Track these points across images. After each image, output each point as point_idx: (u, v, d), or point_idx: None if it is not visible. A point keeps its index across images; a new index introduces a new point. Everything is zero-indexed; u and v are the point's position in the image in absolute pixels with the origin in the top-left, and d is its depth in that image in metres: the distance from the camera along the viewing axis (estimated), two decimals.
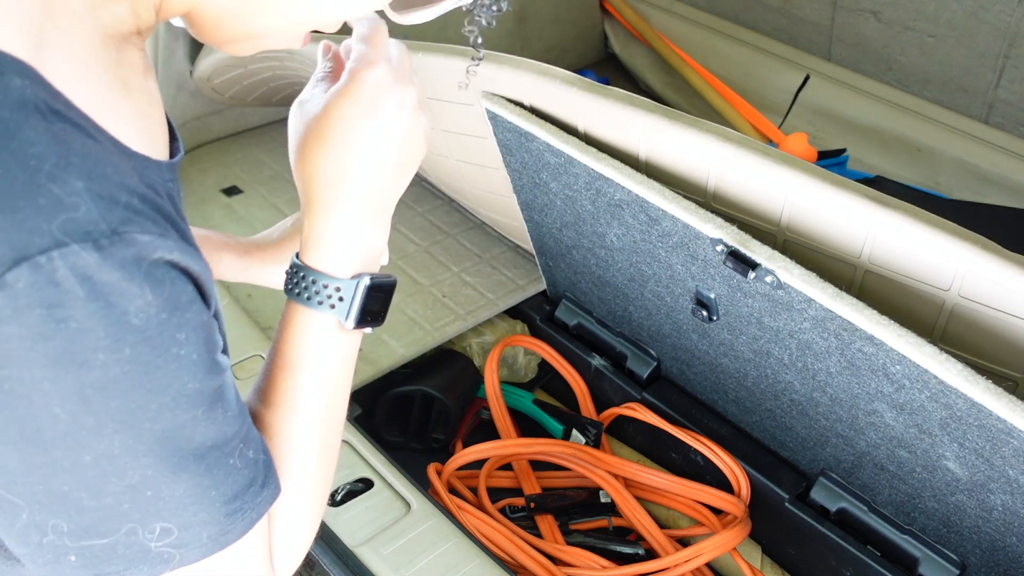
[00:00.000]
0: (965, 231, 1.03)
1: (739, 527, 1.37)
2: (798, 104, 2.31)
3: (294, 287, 0.72)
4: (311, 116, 0.72)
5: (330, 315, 0.71)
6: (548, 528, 1.44)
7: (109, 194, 0.52)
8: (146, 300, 0.53)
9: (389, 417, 1.59)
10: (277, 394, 0.72)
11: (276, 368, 0.73)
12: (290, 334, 0.72)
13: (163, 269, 0.54)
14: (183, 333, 0.56)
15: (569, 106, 1.27)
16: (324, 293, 0.71)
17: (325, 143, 0.70)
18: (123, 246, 0.51)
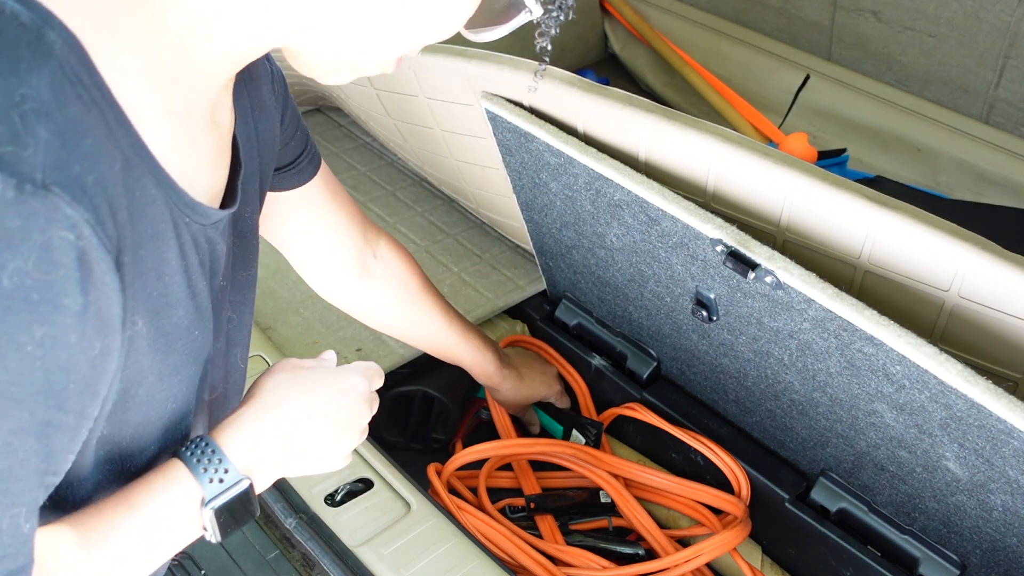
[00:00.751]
0: (965, 231, 1.02)
1: (739, 527, 1.37)
2: (798, 104, 2.31)
3: (189, 450, 0.73)
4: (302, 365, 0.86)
5: (198, 489, 0.72)
6: (548, 528, 1.44)
7: (67, 159, 0.50)
8: (27, 267, 0.48)
9: (389, 417, 1.59)
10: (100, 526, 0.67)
11: (115, 504, 0.69)
12: (155, 483, 0.71)
13: (66, 255, 0.50)
14: (42, 331, 0.50)
15: (569, 106, 1.27)
16: (212, 467, 0.73)
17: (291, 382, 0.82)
18: (41, 202, 0.49)
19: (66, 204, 0.50)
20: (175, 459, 0.73)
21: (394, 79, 1.50)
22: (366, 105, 1.69)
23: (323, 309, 1.71)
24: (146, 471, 0.72)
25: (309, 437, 0.81)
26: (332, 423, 0.82)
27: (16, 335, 0.49)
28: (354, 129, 2.29)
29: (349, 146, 2.23)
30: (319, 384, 0.82)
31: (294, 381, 0.81)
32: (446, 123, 1.52)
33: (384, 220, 1.98)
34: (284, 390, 0.80)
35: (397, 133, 1.72)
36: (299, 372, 0.83)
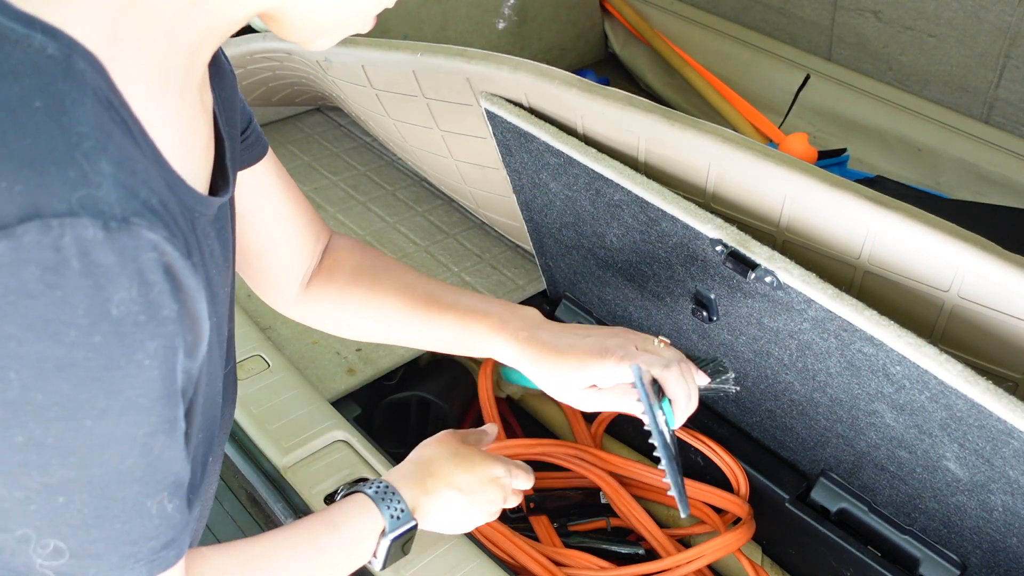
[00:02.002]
0: (965, 232, 1.02)
1: (743, 528, 1.37)
2: (798, 104, 2.31)
3: (373, 489, 0.95)
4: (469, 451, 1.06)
5: (382, 521, 0.94)
6: (546, 529, 1.44)
7: (132, 186, 0.54)
8: (131, 294, 0.53)
9: (387, 425, 1.59)
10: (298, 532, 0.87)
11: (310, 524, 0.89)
12: (350, 511, 0.93)
13: (156, 273, 0.55)
14: (154, 344, 0.55)
15: (568, 106, 1.27)
16: (394, 506, 0.95)
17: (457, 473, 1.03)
18: (128, 235, 0.52)
19: (146, 230, 0.54)
20: (362, 495, 0.94)
21: (394, 79, 1.50)
22: (366, 105, 1.69)
23: None
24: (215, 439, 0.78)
25: (451, 505, 1.00)
26: (472, 501, 1.02)
27: (134, 355, 0.54)
28: (354, 129, 2.29)
29: (349, 146, 2.23)
30: (473, 467, 1.02)
31: (454, 458, 1.02)
32: (446, 123, 1.52)
33: (384, 220, 1.98)
34: (445, 462, 1.01)
35: (397, 133, 1.72)
36: (461, 450, 1.03)
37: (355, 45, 1.49)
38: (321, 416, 1.40)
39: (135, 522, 0.59)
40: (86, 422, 0.54)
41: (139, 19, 0.59)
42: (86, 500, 0.56)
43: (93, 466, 0.55)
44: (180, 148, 0.63)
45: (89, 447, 0.55)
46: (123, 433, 0.56)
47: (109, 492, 0.57)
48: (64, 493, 0.55)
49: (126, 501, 0.58)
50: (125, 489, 0.58)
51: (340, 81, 1.66)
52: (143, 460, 0.58)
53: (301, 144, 2.23)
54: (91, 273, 0.51)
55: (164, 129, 0.61)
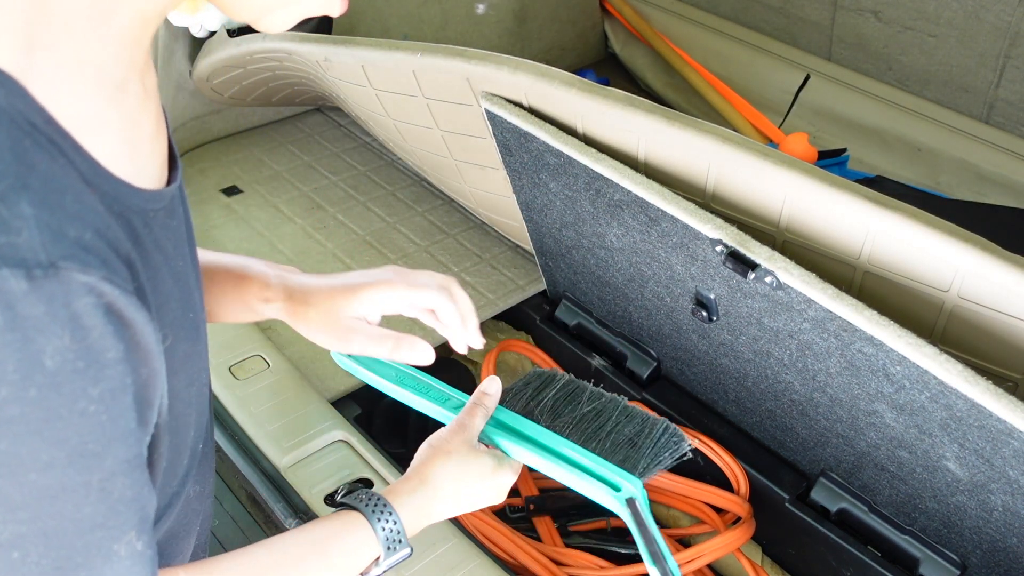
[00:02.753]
0: (965, 232, 1.02)
1: (743, 527, 1.37)
2: (798, 104, 2.31)
3: (378, 512, 0.86)
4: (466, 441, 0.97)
5: (378, 550, 0.86)
6: (547, 529, 1.44)
7: (59, 225, 0.49)
8: (64, 343, 0.49)
9: (387, 425, 1.59)
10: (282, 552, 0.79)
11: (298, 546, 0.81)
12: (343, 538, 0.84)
13: (94, 317, 0.50)
14: (97, 390, 0.51)
15: (568, 107, 1.27)
16: (394, 537, 0.87)
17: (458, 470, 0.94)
18: (56, 281, 0.48)
19: (78, 273, 0.49)
20: (355, 513, 0.86)
21: (394, 79, 1.50)
22: (366, 105, 1.69)
23: None
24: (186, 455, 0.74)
25: (453, 509, 0.94)
26: (474, 503, 0.96)
27: (75, 404, 0.51)
28: (354, 129, 2.29)
29: (349, 146, 2.24)
30: (481, 478, 0.94)
31: (462, 472, 0.93)
32: (446, 123, 1.52)
33: (384, 220, 1.98)
34: (453, 478, 0.93)
35: (397, 133, 1.72)
36: (468, 464, 0.94)
37: (355, 45, 1.49)
38: (321, 416, 1.40)
39: (102, 569, 0.56)
40: (31, 476, 0.50)
41: (54, 21, 0.53)
42: (43, 552, 0.52)
43: (46, 518, 0.52)
44: (124, 147, 0.58)
45: (38, 500, 0.51)
46: (75, 481, 0.52)
47: (67, 542, 0.53)
48: (19, 548, 0.52)
49: (89, 549, 0.54)
50: (86, 537, 0.54)
51: (340, 81, 1.66)
52: (102, 506, 0.54)
53: (301, 144, 2.23)
54: (17, 327, 0.47)
55: (105, 132, 0.56)
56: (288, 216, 1.96)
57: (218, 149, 2.18)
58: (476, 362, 1.74)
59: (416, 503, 0.90)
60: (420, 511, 0.90)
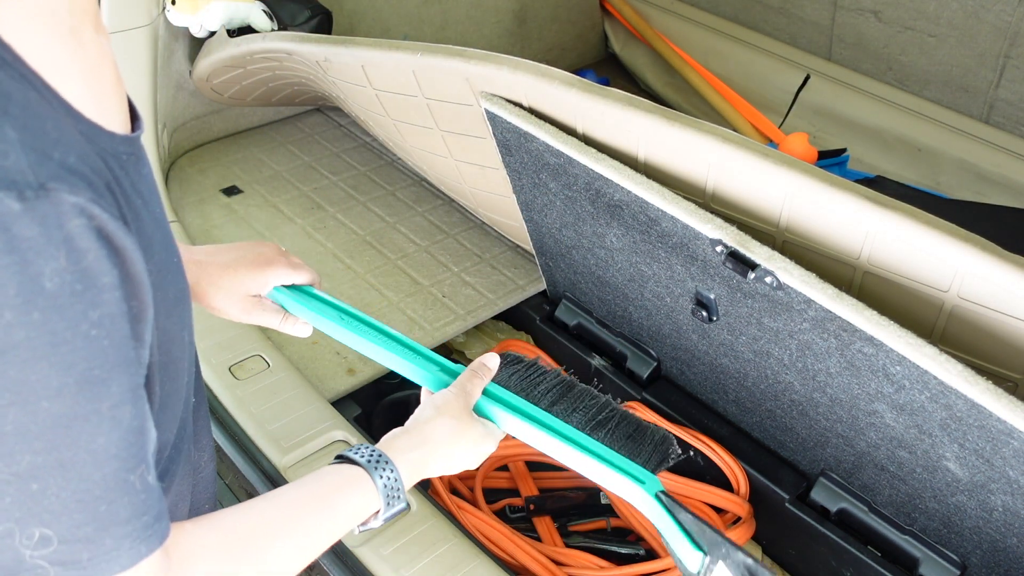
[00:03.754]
0: (964, 232, 1.02)
1: (743, 527, 1.37)
2: (798, 104, 2.31)
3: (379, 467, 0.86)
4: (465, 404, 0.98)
5: (377, 501, 0.85)
6: (547, 529, 1.44)
7: (43, 148, 0.50)
8: (62, 264, 0.50)
9: (387, 424, 1.58)
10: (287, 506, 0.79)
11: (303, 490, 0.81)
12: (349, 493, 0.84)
13: (87, 239, 0.52)
14: (97, 313, 0.53)
15: (568, 107, 1.27)
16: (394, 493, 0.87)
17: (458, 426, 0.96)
18: (48, 202, 0.49)
19: (67, 193, 0.51)
20: (355, 466, 0.85)
21: (394, 79, 1.50)
22: (366, 105, 1.69)
23: None
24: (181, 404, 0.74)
25: (443, 469, 0.95)
26: (459, 465, 0.97)
27: (78, 327, 0.52)
28: (354, 129, 2.29)
29: (349, 146, 2.23)
30: (472, 444, 0.96)
31: (459, 435, 0.95)
32: (446, 123, 1.52)
33: (384, 220, 1.98)
34: (450, 441, 0.94)
35: (397, 133, 1.72)
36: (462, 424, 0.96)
37: (355, 45, 1.49)
38: (321, 416, 1.40)
39: (122, 501, 0.57)
40: (43, 403, 0.51)
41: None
42: (62, 484, 0.53)
43: (62, 448, 0.53)
44: (90, 94, 0.59)
45: (52, 429, 0.52)
46: (85, 409, 0.53)
47: (86, 473, 0.54)
48: (37, 480, 0.53)
49: (107, 481, 0.55)
50: (103, 468, 0.55)
51: (340, 81, 1.66)
52: (114, 435, 0.55)
53: (301, 144, 2.23)
54: (15, 249, 0.48)
55: (69, 77, 0.57)
56: (288, 216, 1.96)
57: (218, 149, 2.18)
58: None
59: (414, 459, 0.91)
60: (416, 467, 0.91)
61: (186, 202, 1.98)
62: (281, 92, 2.07)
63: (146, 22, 1.78)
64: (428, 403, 0.98)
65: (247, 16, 1.82)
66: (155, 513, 0.60)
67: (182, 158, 2.12)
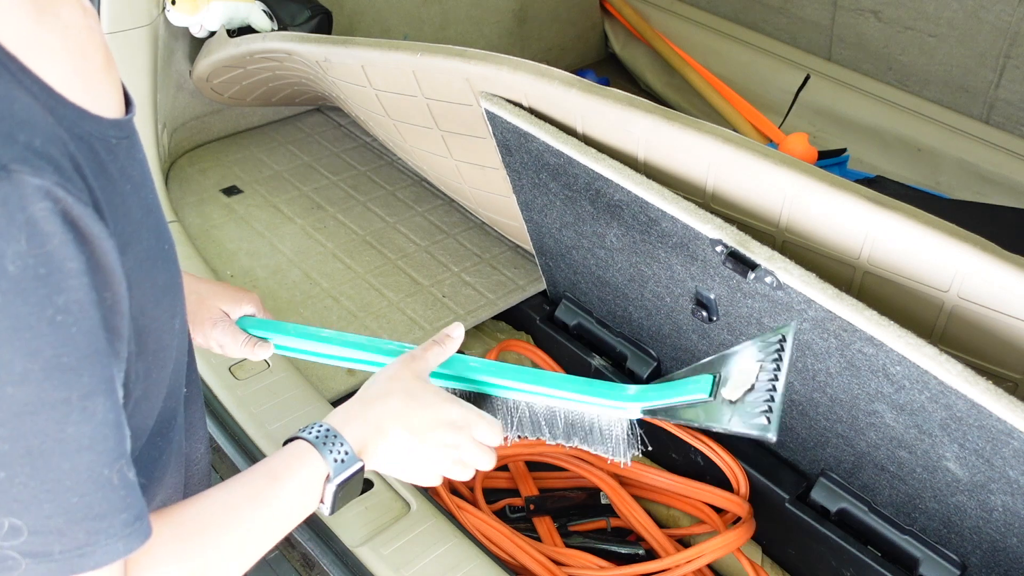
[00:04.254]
0: (964, 232, 1.02)
1: (743, 527, 1.37)
2: (798, 104, 2.31)
3: (312, 434, 0.84)
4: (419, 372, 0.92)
5: (324, 467, 0.82)
6: (547, 529, 1.44)
7: (8, 130, 0.50)
8: (22, 247, 0.49)
9: None
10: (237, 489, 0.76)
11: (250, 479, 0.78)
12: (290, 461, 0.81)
13: (51, 223, 0.51)
14: (63, 298, 0.52)
15: (568, 107, 1.27)
16: (336, 449, 0.83)
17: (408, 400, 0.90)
18: (9, 184, 0.49)
19: (30, 175, 0.50)
20: (302, 441, 0.83)
21: (394, 79, 1.50)
22: (366, 105, 1.69)
23: (322, 309, 1.71)
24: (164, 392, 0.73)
25: (399, 445, 0.88)
26: (422, 441, 0.89)
27: (42, 312, 0.51)
28: (354, 129, 2.29)
29: (349, 146, 2.23)
30: (425, 406, 0.89)
31: (405, 397, 0.89)
32: (446, 123, 1.52)
33: (384, 220, 1.98)
34: (395, 401, 0.88)
35: (397, 133, 1.72)
36: (414, 388, 0.90)
37: (355, 45, 1.49)
38: (321, 416, 1.40)
39: (96, 495, 0.55)
40: (7, 389, 0.50)
41: None
42: (30, 473, 0.52)
43: (29, 436, 0.52)
44: (76, 77, 0.58)
45: (18, 416, 0.51)
46: (53, 397, 0.52)
47: (54, 463, 0.53)
48: (4, 468, 0.52)
49: (78, 472, 0.54)
50: (73, 459, 0.54)
51: (340, 81, 1.66)
52: (87, 426, 0.54)
53: (301, 144, 2.23)
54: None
55: (52, 61, 0.56)
56: (288, 216, 1.96)
57: (218, 149, 2.18)
58: None
59: (361, 426, 0.87)
60: (367, 434, 0.87)
61: (186, 202, 1.98)
62: (281, 92, 2.07)
63: (146, 22, 1.78)
64: (382, 370, 0.94)
65: (247, 16, 1.82)
66: (136, 511, 0.59)
67: (182, 158, 2.12)
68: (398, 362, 0.93)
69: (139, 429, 0.69)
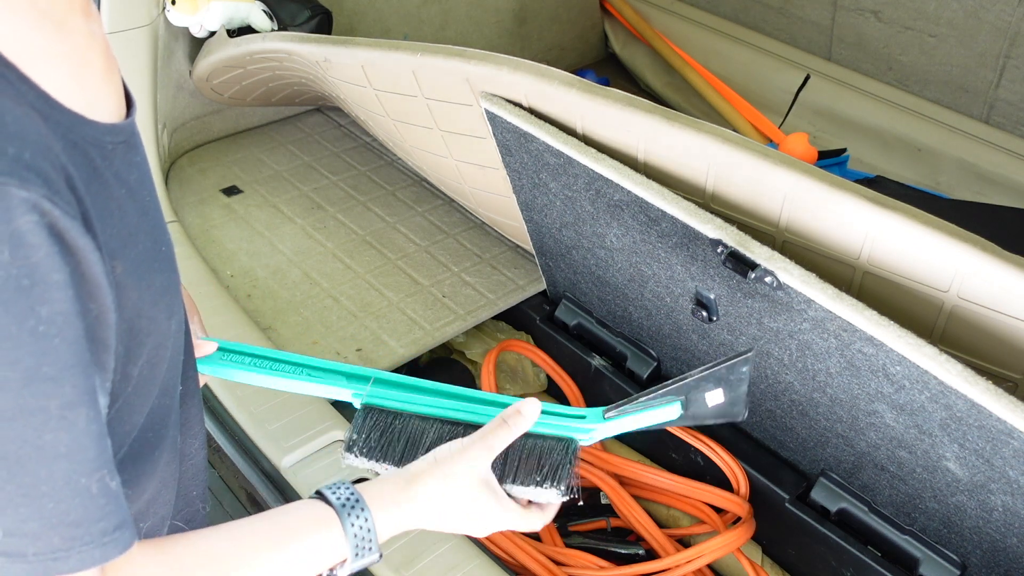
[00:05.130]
0: (964, 232, 1.02)
1: (743, 527, 1.37)
2: (798, 104, 2.31)
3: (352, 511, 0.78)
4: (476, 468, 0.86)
5: (345, 549, 0.77)
6: (547, 529, 1.44)
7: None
8: (6, 259, 0.50)
9: None
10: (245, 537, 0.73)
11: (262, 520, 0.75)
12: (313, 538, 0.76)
13: (37, 235, 0.51)
14: (46, 310, 0.52)
15: (568, 107, 1.27)
16: (365, 546, 0.78)
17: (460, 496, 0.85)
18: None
19: (17, 188, 0.50)
20: (332, 513, 0.77)
21: (394, 79, 1.50)
22: (366, 105, 1.69)
23: (322, 309, 1.71)
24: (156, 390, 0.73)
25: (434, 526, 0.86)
26: (457, 527, 0.87)
27: (24, 321, 0.52)
28: (354, 129, 2.29)
29: (349, 146, 2.23)
30: (470, 510, 0.86)
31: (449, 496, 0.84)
32: (446, 123, 1.52)
33: (384, 220, 1.98)
34: (440, 500, 0.84)
35: (397, 133, 1.72)
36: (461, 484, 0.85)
37: (355, 45, 1.49)
38: (321, 416, 1.40)
39: (72, 502, 0.56)
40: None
41: None
42: (7, 477, 0.53)
43: (5, 441, 0.52)
44: (74, 82, 0.59)
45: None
46: (31, 405, 0.53)
47: (31, 468, 0.54)
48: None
49: (54, 479, 0.55)
50: (50, 466, 0.55)
51: (340, 81, 1.66)
52: (65, 435, 0.55)
53: (301, 144, 2.23)
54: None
55: (53, 67, 0.57)
56: (288, 216, 1.96)
57: (218, 149, 2.18)
58: (476, 362, 1.74)
59: (394, 512, 0.82)
60: (397, 520, 0.82)
61: (186, 202, 1.98)
62: (281, 92, 2.07)
63: (146, 22, 1.78)
64: (431, 454, 0.87)
65: (247, 16, 1.82)
66: (116, 521, 0.59)
67: (182, 158, 2.12)
68: (456, 449, 0.86)
69: (130, 425, 0.69)
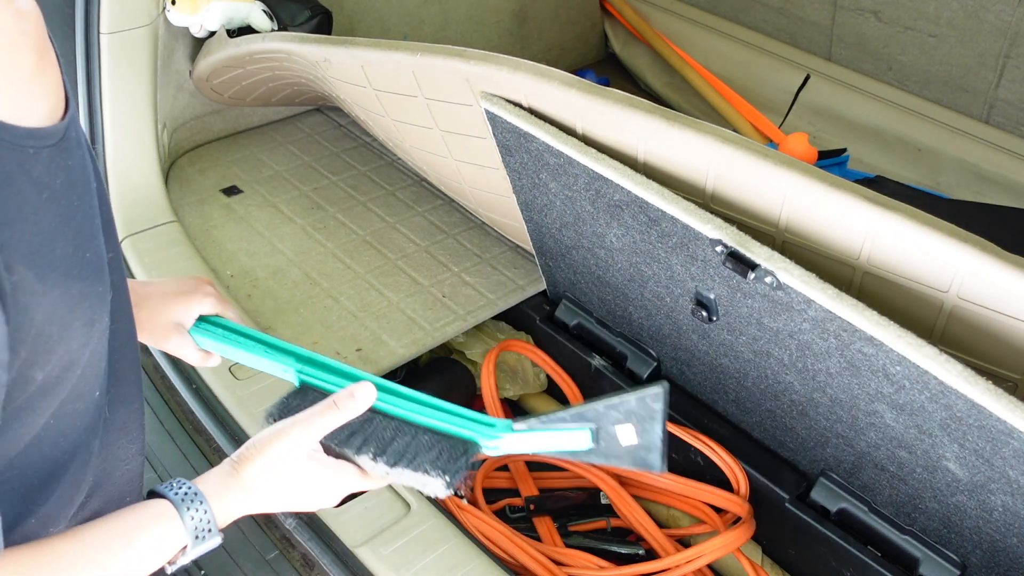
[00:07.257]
0: (964, 232, 1.02)
1: (743, 527, 1.37)
2: (798, 104, 2.31)
3: (188, 502, 0.80)
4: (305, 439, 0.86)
5: (184, 538, 0.79)
6: (547, 530, 1.44)
7: None
8: None
9: None
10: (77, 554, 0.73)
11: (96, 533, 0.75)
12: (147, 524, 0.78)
13: None
14: None
15: (568, 107, 1.27)
16: (203, 526, 0.80)
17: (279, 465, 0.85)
18: None
19: None
20: (168, 504, 0.80)
21: (394, 79, 1.50)
22: (366, 105, 1.69)
23: (323, 309, 1.71)
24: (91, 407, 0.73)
25: (272, 507, 0.87)
26: (298, 503, 0.88)
27: None
28: (354, 129, 2.29)
29: (349, 146, 2.23)
30: (304, 484, 0.86)
31: (279, 476, 0.85)
32: (446, 123, 1.52)
33: (384, 220, 1.98)
34: (268, 481, 0.85)
35: (397, 133, 1.72)
36: (289, 467, 0.86)
37: (355, 45, 1.49)
38: None
39: None
40: None
41: None
42: None
43: None
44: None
45: None
46: None
47: None
48: None
49: None
50: None
51: (340, 81, 1.66)
52: None
53: (301, 144, 2.23)
54: None
55: None
56: (288, 216, 1.96)
57: (218, 149, 2.18)
58: (476, 362, 1.74)
59: (227, 498, 0.83)
60: (233, 506, 0.84)
61: (186, 202, 1.98)
62: (281, 92, 2.07)
63: (146, 22, 1.78)
64: (257, 435, 0.88)
65: (247, 16, 1.82)
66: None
67: (182, 158, 2.12)
68: (277, 429, 0.86)
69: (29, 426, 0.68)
